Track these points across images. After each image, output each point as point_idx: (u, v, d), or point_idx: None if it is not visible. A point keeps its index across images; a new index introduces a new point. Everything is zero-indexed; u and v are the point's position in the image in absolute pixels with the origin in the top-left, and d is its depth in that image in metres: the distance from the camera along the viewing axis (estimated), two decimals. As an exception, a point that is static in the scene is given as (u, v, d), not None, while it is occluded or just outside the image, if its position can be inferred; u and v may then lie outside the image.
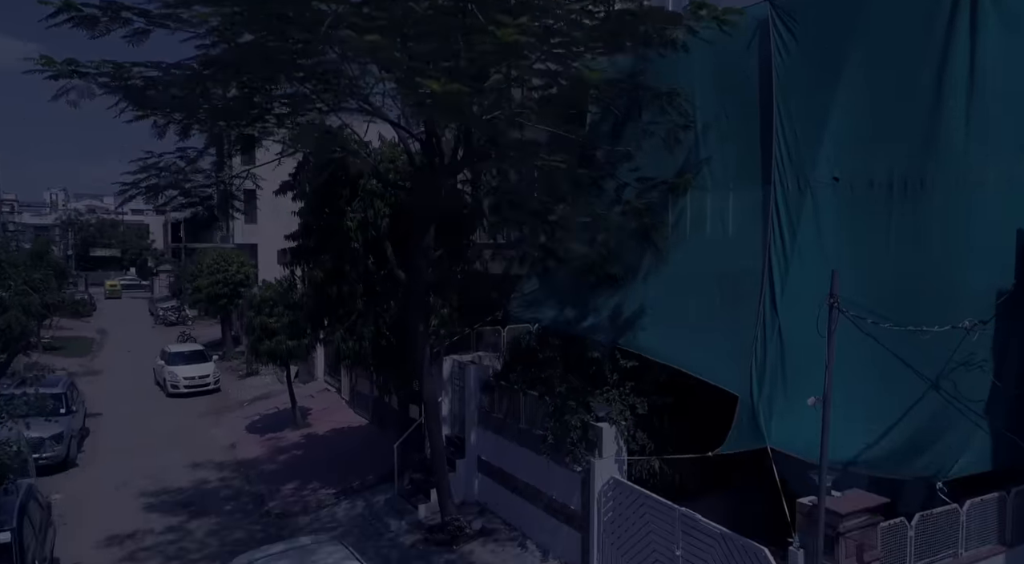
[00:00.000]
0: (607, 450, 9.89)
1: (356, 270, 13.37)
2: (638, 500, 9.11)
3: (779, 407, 8.26)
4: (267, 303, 18.63)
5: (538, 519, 11.43)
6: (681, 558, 8.35)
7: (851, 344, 7.81)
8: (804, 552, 6.82)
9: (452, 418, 14.71)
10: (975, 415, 7.98)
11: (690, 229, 10.86)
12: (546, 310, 12.80)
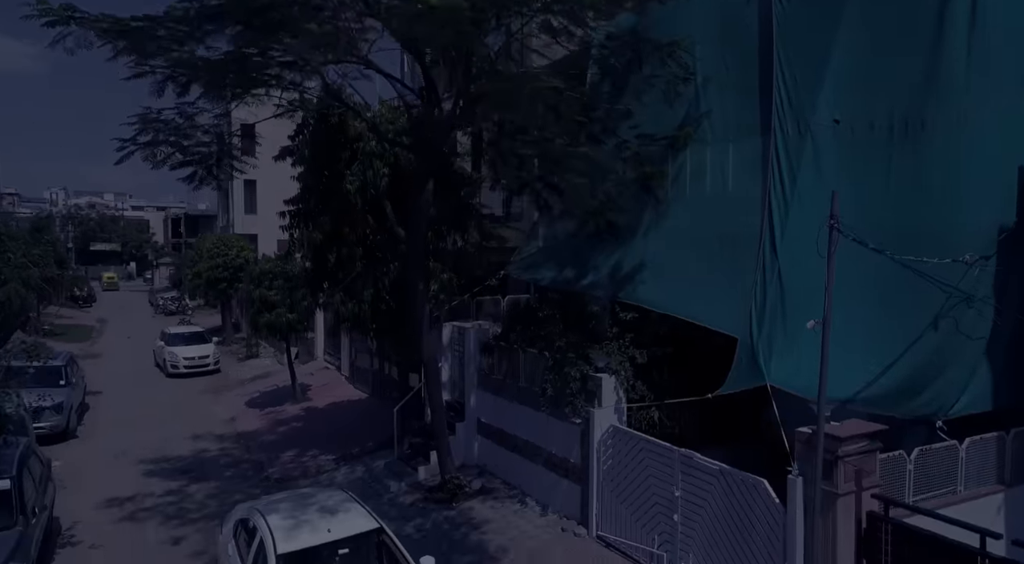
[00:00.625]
0: (606, 400, 9.88)
1: (355, 233, 13.35)
2: (637, 445, 9.10)
3: (779, 347, 8.24)
4: (266, 276, 18.62)
5: (537, 476, 11.42)
6: (680, 498, 8.35)
7: (851, 283, 7.79)
8: (803, 479, 6.81)
9: (452, 385, 14.70)
10: (976, 354, 7.98)
11: (690, 184, 10.84)
12: (545, 271, 12.78)
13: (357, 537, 7.94)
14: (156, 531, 11.62)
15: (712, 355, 9.52)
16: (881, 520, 6.52)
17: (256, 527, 8.07)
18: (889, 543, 6.38)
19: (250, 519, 8.40)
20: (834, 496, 6.55)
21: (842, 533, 6.58)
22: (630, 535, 9.23)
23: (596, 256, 11.85)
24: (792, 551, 6.88)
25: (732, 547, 7.65)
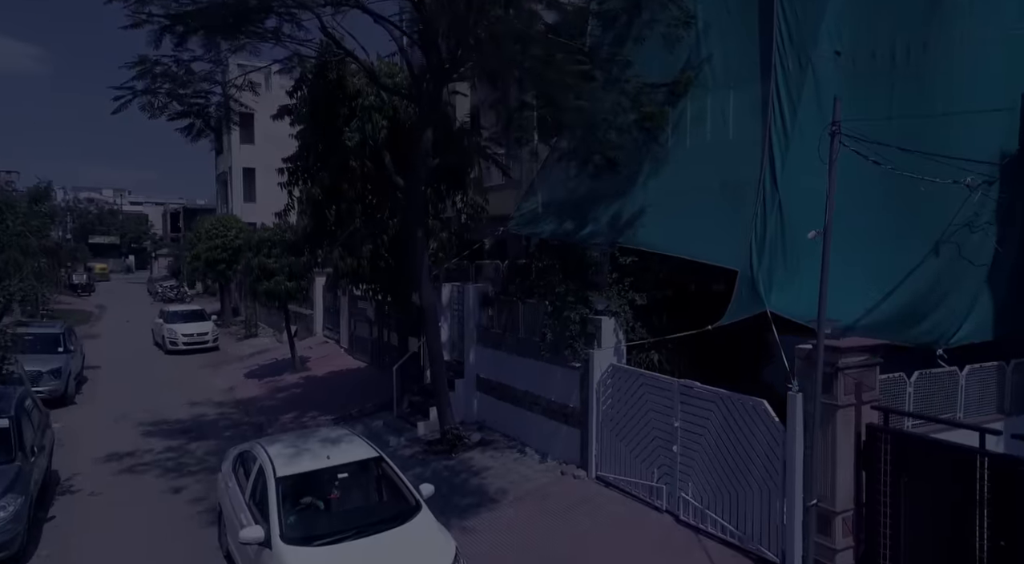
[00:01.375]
0: (606, 341, 9.86)
1: (354, 189, 13.32)
2: (637, 381, 9.09)
3: (779, 278, 8.22)
4: (265, 244, 18.59)
5: (536, 425, 11.41)
6: (679, 429, 8.34)
7: (852, 207, 7.78)
8: (803, 395, 6.80)
9: (451, 345, 14.69)
10: (977, 281, 7.96)
11: (691, 131, 10.81)
12: (544, 225, 12.75)
13: (356, 463, 7.92)
14: (155, 482, 11.60)
15: (712, 299, 9.52)
16: (880, 431, 6.50)
17: (255, 456, 8.05)
18: (888, 453, 6.36)
19: (250, 450, 8.39)
20: (834, 408, 6.54)
21: (842, 446, 6.57)
22: (630, 472, 9.22)
23: (596, 208, 11.82)
24: (791, 468, 6.87)
25: (731, 471, 7.65)
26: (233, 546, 8.04)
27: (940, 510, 5.99)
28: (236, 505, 7.92)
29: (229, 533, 8.25)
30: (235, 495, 8.11)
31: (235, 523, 7.69)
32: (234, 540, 7.96)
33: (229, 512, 8.15)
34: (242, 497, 7.86)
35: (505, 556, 8.16)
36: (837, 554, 6.59)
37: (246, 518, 7.39)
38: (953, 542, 5.89)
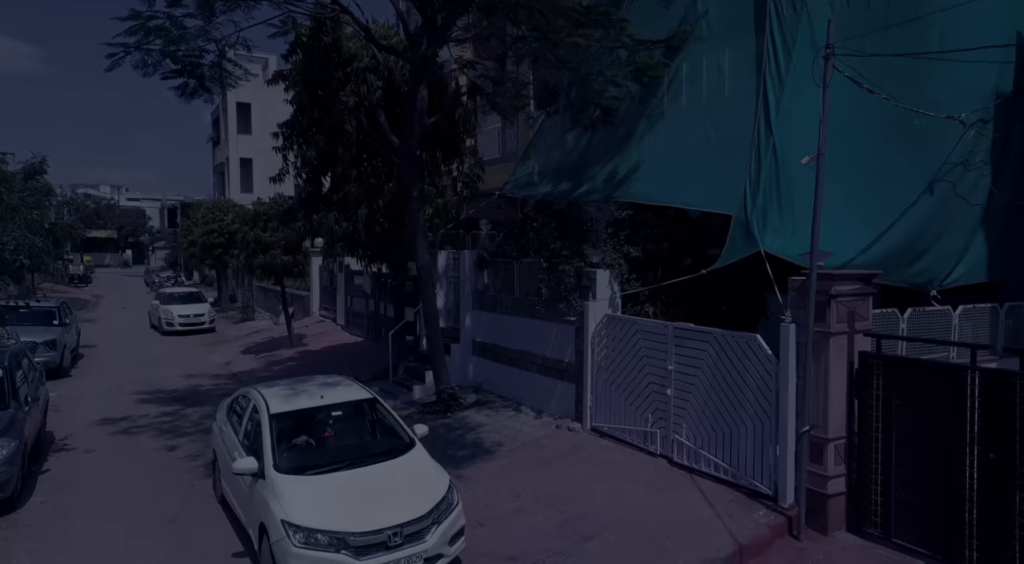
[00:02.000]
0: (601, 293, 9.86)
1: (350, 153, 13.28)
2: (632, 328, 9.08)
3: (773, 220, 8.22)
4: (261, 217, 18.55)
5: (532, 384, 11.41)
6: (673, 372, 8.34)
7: (847, 149, 7.79)
8: (796, 326, 6.80)
9: (447, 312, 14.70)
10: (972, 221, 7.97)
11: (686, 88, 10.81)
12: (540, 188, 12.75)
13: (350, 403, 7.91)
14: (150, 441, 11.59)
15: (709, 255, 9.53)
16: (873, 358, 6.51)
17: (249, 398, 8.05)
18: (881, 379, 6.37)
19: (244, 394, 8.39)
20: (827, 336, 6.54)
21: (834, 374, 6.57)
22: (624, 420, 9.23)
23: (591, 168, 11.83)
24: (784, 398, 6.88)
25: (725, 410, 7.66)
26: (227, 489, 8.04)
27: (932, 430, 6.00)
28: (230, 446, 7.91)
29: (223, 476, 8.25)
30: (229, 438, 8.10)
31: (228, 462, 7.68)
32: (229, 482, 7.97)
33: (223, 455, 8.14)
34: (236, 438, 7.85)
35: (500, 499, 8.16)
36: (829, 481, 6.60)
37: (239, 455, 7.38)
38: (944, 460, 5.90)
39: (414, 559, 6.12)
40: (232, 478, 7.67)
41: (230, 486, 7.87)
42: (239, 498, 7.41)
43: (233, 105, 49.04)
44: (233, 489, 7.70)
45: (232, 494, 7.78)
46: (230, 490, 7.88)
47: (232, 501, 7.80)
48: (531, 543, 7.02)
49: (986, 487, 5.62)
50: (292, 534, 5.95)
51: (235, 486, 7.55)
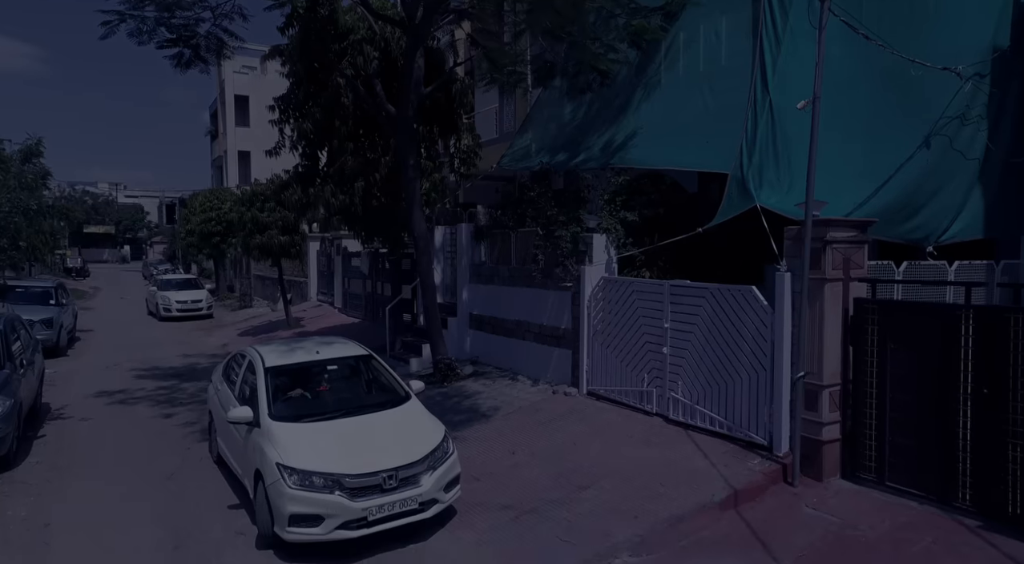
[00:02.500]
0: (597, 258, 9.86)
1: (346, 126, 13.26)
2: (628, 289, 9.08)
3: (769, 177, 8.21)
4: (258, 197, 18.52)
5: (528, 353, 11.41)
6: (669, 329, 8.34)
7: (843, 103, 7.80)
8: (791, 275, 6.80)
9: (444, 288, 14.69)
10: (969, 177, 7.97)
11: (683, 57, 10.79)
12: (537, 159, 12.73)
13: (346, 359, 7.92)
14: (147, 411, 11.59)
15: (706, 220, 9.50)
16: (868, 303, 6.51)
17: (246, 355, 8.04)
18: (876, 324, 6.37)
19: (240, 352, 8.38)
20: (822, 282, 6.54)
21: (829, 321, 6.57)
22: (620, 382, 9.23)
23: (588, 137, 11.81)
24: (779, 347, 6.88)
25: (720, 364, 7.66)
26: (223, 445, 8.03)
27: (926, 372, 6.00)
28: (225, 402, 7.89)
29: (219, 434, 8.25)
30: (225, 395, 8.09)
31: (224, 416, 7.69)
32: (224, 438, 7.96)
33: (219, 412, 8.13)
34: (232, 394, 7.84)
35: (496, 456, 8.16)
36: (824, 428, 6.60)
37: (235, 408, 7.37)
38: (938, 401, 5.91)
39: (409, 502, 6.12)
40: (228, 433, 7.67)
41: (226, 442, 7.87)
42: (235, 451, 7.40)
43: (231, 98, 48.98)
44: (229, 444, 7.70)
45: (228, 450, 7.78)
46: (226, 446, 7.87)
47: (228, 456, 7.79)
48: (527, 493, 7.03)
49: (979, 425, 5.63)
50: (287, 477, 5.95)
51: (231, 440, 7.54)
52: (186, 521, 6.89)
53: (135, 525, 6.80)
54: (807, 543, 5.58)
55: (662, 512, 6.22)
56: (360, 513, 5.89)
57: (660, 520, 6.10)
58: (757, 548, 5.60)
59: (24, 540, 6.47)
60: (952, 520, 5.66)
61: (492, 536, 6.27)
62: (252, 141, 45.33)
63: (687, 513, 6.16)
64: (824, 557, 5.35)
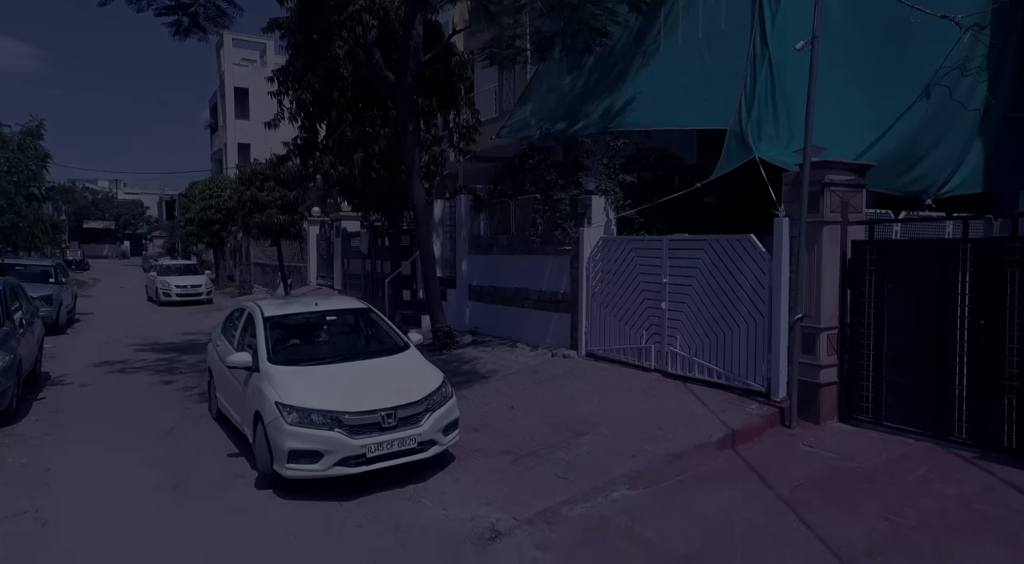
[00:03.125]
0: (596, 219, 9.88)
1: (345, 97, 13.26)
2: (626, 247, 9.10)
3: (768, 131, 8.22)
4: (258, 176, 18.53)
5: (528, 321, 11.43)
6: (668, 284, 8.36)
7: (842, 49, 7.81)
8: (789, 220, 6.81)
9: (443, 262, 14.69)
10: (969, 129, 7.97)
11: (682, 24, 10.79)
12: (536, 131, 12.74)
13: (345, 310, 7.94)
14: (147, 378, 11.59)
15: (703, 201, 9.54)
16: (866, 245, 6.52)
17: (245, 309, 8.07)
18: (874, 264, 6.38)
19: (239, 308, 8.41)
20: (820, 225, 6.55)
21: (827, 264, 6.58)
22: (619, 341, 9.25)
23: (587, 106, 11.82)
24: (777, 294, 6.90)
25: (718, 314, 7.68)
26: (222, 399, 8.05)
27: (923, 309, 6.02)
28: (224, 355, 7.89)
29: (219, 388, 8.27)
30: (224, 348, 8.11)
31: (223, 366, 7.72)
32: (224, 392, 7.97)
33: (218, 365, 8.15)
34: (231, 347, 7.86)
35: (495, 410, 8.18)
36: (821, 371, 6.62)
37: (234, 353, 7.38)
38: (935, 338, 5.92)
39: (407, 442, 6.14)
40: (227, 385, 7.70)
41: (225, 396, 7.89)
42: (235, 401, 7.42)
43: (231, 90, 48.97)
44: (229, 397, 7.72)
45: (228, 402, 7.79)
46: (225, 399, 7.89)
47: (227, 408, 7.81)
48: (525, 440, 7.05)
49: (976, 357, 5.65)
50: (286, 414, 5.96)
51: (230, 392, 7.56)
52: (185, 466, 6.91)
53: (134, 469, 6.82)
54: (804, 474, 5.60)
55: (659, 451, 6.24)
56: (359, 450, 5.91)
57: (657, 458, 6.12)
58: (754, 480, 5.62)
59: (24, 483, 6.49)
60: (948, 453, 5.68)
61: (491, 476, 6.29)
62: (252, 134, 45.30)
63: (684, 452, 6.18)
64: (821, 486, 5.37)
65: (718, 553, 4.60)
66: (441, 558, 4.84)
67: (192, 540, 5.24)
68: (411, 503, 5.90)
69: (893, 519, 4.75)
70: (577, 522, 5.27)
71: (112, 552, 5.03)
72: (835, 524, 4.77)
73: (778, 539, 4.69)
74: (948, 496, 4.97)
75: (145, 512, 5.77)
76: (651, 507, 5.39)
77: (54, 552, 5.04)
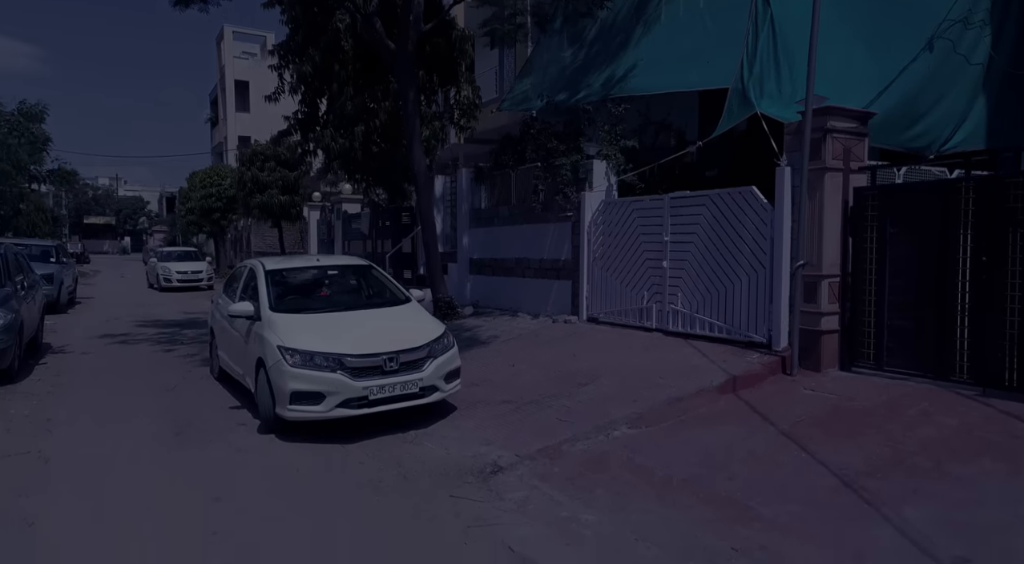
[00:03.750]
0: (597, 183, 9.88)
1: (346, 70, 13.26)
2: (628, 208, 9.10)
3: (770, 88, 8.18)
4: (258, 157, 18.52)
5: (528, 290, 11.43)
6: (669, 242, 8.36)
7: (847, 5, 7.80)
8: (791, 169, 6.81)
9: (444, 238, 14.70)
10: (972, 83, 7.96)
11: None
12: (537, 102, 12.73)
13: (347, 266, 7.96)
14: (148, 348, 11.60)
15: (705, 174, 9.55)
16: (868, 190, 6.52)
17: (247, 265, 8.08)
18: (876, 210, 6.38)
19: (242, 265, 8.41)
20: (822, 172, 6.54)
21: (829, 211, 6.57)
22: (620, 303, 9.25)
23: (588, 76, 11.79)
24: (779, 244, 6.90)
25: (720, 268, 7.68)
26: (224, 355, 8.07)
27: (925, 252, 6.01)
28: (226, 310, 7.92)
29: (220, 346, 8.28)
30: (226, 305, 8.11)
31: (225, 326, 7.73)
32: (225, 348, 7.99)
33: (220, 325, 8.16)
34: (232, 301, 7.87)
35: (497, 368, 8.19)
36: (823, 318, 6.62)
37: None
38: (937, 280, 5.92)
39: (409, 386, 6.14)
40: (229, 341, 7.72)
41: (227, 351, 7.90)
42: (237, 354, 7.42)
43: (231, 83, 48.95)
44: (231, 351, 7.73)
45: (230, 357, 7.80)
46: (228, 355, 7.90)
47: (229, 363, 7.82)
48: (526, 392, 7.06)
49: (978, 295, 5.64)
50: (288, 356, 5.97)
51: (232, 347, 7.58)
52: (186, 416, 6.92)
53: (135, 419, 6.84)
54: (805, 412, 5.61)
55: (660, 396, 6.25)
56: (361, 392, 5.91)
57: (658, 402, 6.13)
58: (755, 418, 5.63)
59: (27, 430, 6.50)
60: (950, 392, 5.68)
61: (492, 422, 6.30)
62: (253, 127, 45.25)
63: (685, 396, 6.19)
64: (821, 422, 5.38)
65: (719, 476, 4.61)
66: (442, 487, 4.85)
67: (193, 473, 5.26)
68: (413, 445, 5.91)
69: (894, 446, 4.76)
70: (578, 457, 5.28)
71: (115, 483, 5.04)
72: (836, 451, 4.78)
73: (779, 464, 4.70)
74: (949, 426, 4.98)
75: (146, 453, 5.78)
76: (652, 442, 5.40)
77: (58, 484, 5.06)
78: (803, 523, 3.89)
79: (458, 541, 4.05)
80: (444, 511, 4.47)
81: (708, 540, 3.82)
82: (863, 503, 4.02)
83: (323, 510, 4.52)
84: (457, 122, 15.14)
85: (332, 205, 23.12)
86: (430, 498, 4.69)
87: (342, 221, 21.98)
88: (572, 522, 4.20)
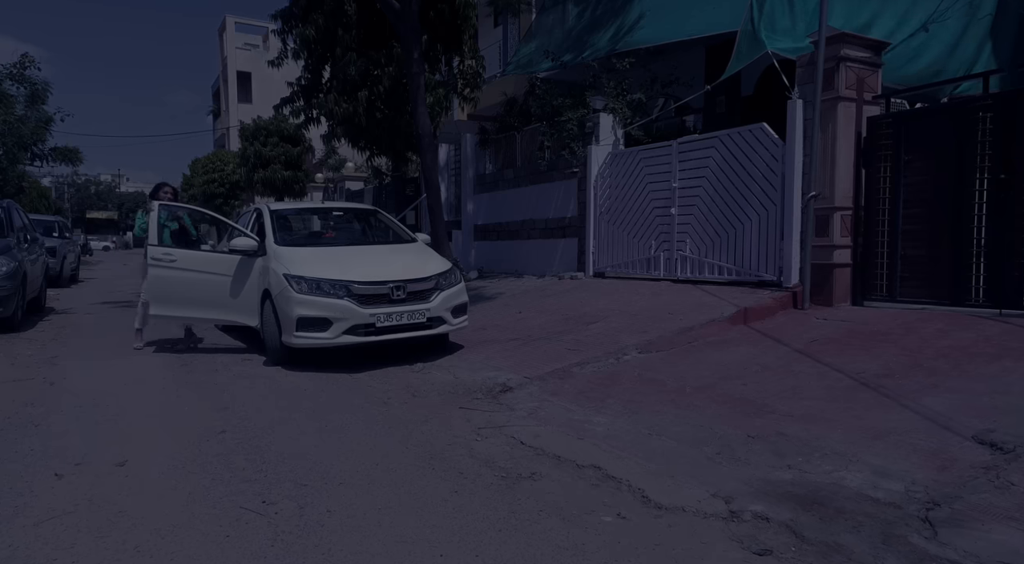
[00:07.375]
0: (604, 137, 9.79)
1: (349, 35, 13.15)
2: (635, 158, 9.01)
3: (782, 24, 8.07)
4: (261, 131, 18.45)
5: (534, 251, 11.36)
6: (677, 189, 8.27)
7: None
8: (803, 102, 6.72)
9: (449, 207, 14.63)
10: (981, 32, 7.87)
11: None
12: (542, 64, 12.65)
13: (352, 209, 7.90)
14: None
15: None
16: (882, 118, 6.41)
17: (253, 208, 8.00)
18: (890, 138, 6.28)
19: (249, 210, 8.35)
20: (835, 102, 6.45)
21: (842, 141, 6.47)
22: (627, 255, 9.17)
23: (594, 34, 11.70)
24: (790, 180, 6.81)
25: (729, 210, 7.59)
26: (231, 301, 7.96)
27: (941, 174, 5.91)
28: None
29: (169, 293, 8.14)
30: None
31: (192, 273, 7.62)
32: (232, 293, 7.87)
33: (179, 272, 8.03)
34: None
35: (503, 315, 8.13)
36: (835, 251, 6.53)
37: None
38: (953, 204, 5.83)
39: (416, 315, 6.07)
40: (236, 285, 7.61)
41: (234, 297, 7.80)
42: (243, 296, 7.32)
43: (234, 74, 48.88)
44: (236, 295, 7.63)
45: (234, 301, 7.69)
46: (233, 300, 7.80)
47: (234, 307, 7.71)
48: (535, 331, 6.99)
49: (995, 216, 5.55)
50: (295, 284, 5.89)
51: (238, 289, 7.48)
52: (192, 355, 6.87)
53: (140, 355, 6.78)
54: (819, 335, 5.53)
55: (671, 327, 6.17)
56: (368, 318, 5.84)
57: (669, 331, 6.05)
58: (768, 341, 5.55)
59: (31, 364, 6.44)
60: (965, 315, 5.58)
61: (501, 354, 6.23)
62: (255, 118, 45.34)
63: (696, 326, 6.11)
64: (836, 341, 5.30)
65: (732, 383, 4.53)
66: (452, 403, 4.78)
67: (200, 392, 5.20)
68: (420, 374, 5.83)
69: (911, 355, 4.68)
70: (588, 377, 5.21)
71: (120, 397, 4.99)
72: (852, 361, 4.70)
73: (794, 372, 4.62)
74: (966, 338, 4.89)
75: (154, 378, 5.73)
76: (663, 362, 5.33)
77: (62, 398, 5.00)
78: (821, 413, 3.82)
79: (470, 438, 3.98)
80: (455, 418, 4.40)
81: (723, 430, 3.75)
82: (882, 397, 3.94)
83: (330, 416, 4.46)
84: (461, 92, 15.03)
85: (335, 183, 23.09)
86: (440, 410, 4.62)
87: (345, 198, 21.96)
88: (585, 423, 4.13)
